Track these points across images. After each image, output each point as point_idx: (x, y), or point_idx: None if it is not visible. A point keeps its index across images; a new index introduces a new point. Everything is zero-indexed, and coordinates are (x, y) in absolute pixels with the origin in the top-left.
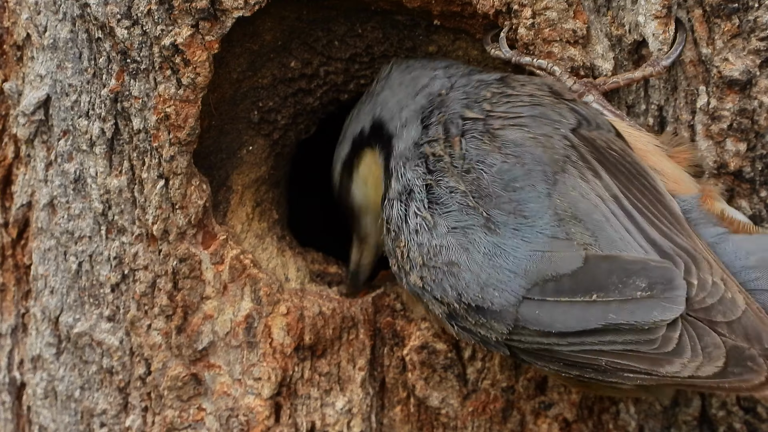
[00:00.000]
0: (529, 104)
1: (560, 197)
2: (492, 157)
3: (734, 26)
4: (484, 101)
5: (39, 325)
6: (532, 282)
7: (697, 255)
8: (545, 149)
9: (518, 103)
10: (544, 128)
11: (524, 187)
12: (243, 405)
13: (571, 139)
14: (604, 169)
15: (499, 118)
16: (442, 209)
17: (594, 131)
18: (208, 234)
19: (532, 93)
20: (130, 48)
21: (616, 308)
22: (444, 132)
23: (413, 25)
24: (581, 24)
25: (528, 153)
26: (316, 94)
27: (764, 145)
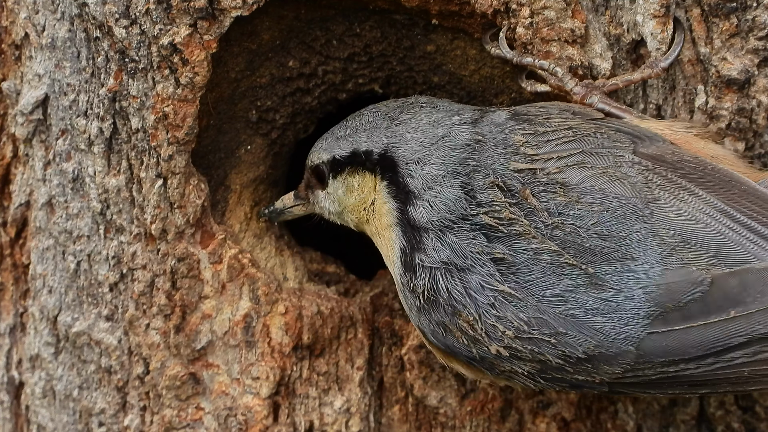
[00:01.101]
0: (574, 138)
1: (663, 226)
2: (577, 209)
3: (732, 26)
4: (521, 146)
5: (37, 325)
6: (652, 318)
7: None
8: (623, 183)
9: (562, 139)
10: (606, 159)
11: (624, 230)
12: (241, 404)
13: (641, 161)
14: (695, 185)
15: (550, 159)
16: (521, 278)
17: (652, 146)
18: (207, 233)
19: (568, 126)
20: (128, 47)
21: (761, 318)
22: (504, 193)
23: (411, 25)
24: (579, 23)
25: (609, 193)
26: (315, 93)
27: (762, 145)
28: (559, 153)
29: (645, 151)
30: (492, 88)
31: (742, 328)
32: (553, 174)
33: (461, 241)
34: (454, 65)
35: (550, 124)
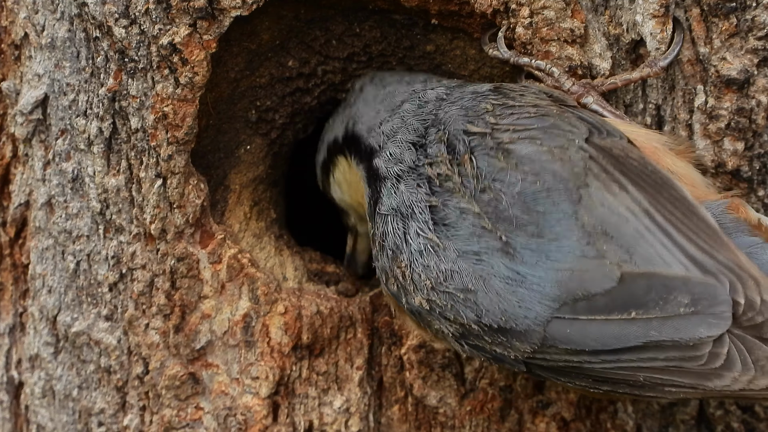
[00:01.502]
0: (536, 115)
1: (587, 213)
2: (509, 175)
3: (732, 25)
4: (485, 113)
5: (37, 325)
6: (561, 302)
7: (741, 273)
8: (563, 163)
9: (524, 114)
10: (557, 140)
11: (547, 207)
12: (241, 404)
13: (588, 149)
14: (629, 181)
15: (507, 131)
16: (450, 231)
17: (607, 139)
18: (206, 233)
19: (535, 103)
20: (127, 47)
21: (657, 325)
22: (448, 150)
23: (411, 24)
24: (579, 23)
25: (547, 169)
26: (314, 93)
27: (762, 144)
28: (516, 126)
29: (597, 141)
30: None
31: (639, 330)
32: (504, 142)
33: (408, 189)
34: (453, 65)
35: (522, 100)
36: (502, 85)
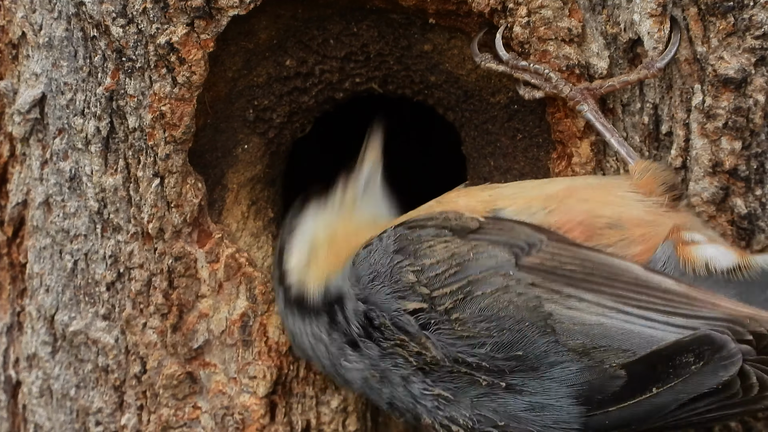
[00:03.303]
0: (458, 267)
1: (567, 337)
2: (475, 339)
3: (729, 24)
4: (415, 286)
5: (34, 324)
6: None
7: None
8: (515, 306)
9: (447, 272)
10: (493, 282)
11: (527, 348)
12: (238, 403)
13: (524, 278)
14: (581, 290)
15: (444, 296)
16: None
17: (532, 254)
18: (204, 232)
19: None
20: (125, 46)
21: (681, 388)
22: (402, 332)
23: (408, 24)
24: (576, 22)
25: (504, 318)
26: (312, 92)
27: (759, 144)
28: (449, 287)
29: (526, 262)
30: (489, 87)
31: (669, 397)
32: (449, 309)
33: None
34: (451, 64)
35: (434, 254)
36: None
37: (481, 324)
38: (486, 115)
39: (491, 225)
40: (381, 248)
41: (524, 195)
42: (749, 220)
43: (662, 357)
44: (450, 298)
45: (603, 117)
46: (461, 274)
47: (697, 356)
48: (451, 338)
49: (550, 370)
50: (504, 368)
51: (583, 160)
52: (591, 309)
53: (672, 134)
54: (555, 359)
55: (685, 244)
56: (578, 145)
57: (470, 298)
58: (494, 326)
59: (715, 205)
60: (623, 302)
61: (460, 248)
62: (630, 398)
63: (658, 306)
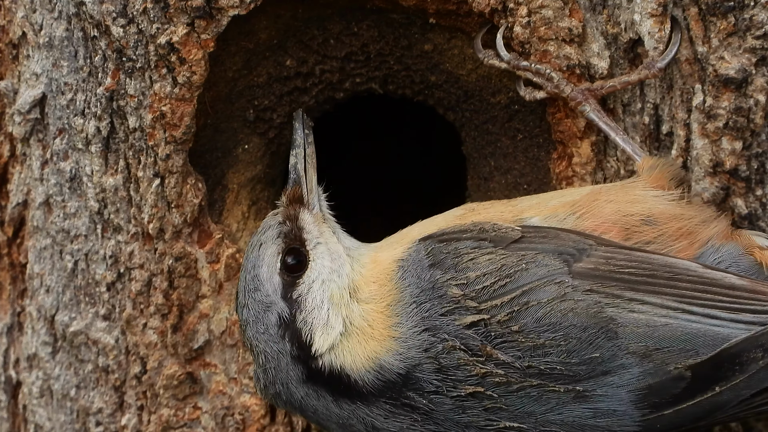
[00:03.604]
0: (508, 280)
1: (631, 341)
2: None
3: (730, 24)
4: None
5: (35, 324)
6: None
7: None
8: (575, 314)
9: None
10: (548, 291)
11: (593, 354)
12: (239, 404)
13: (581, 284)
14: (641, 293)
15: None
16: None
17: (584, 260)
18: (204, 233)
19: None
20: (125, 46)
21: (744, 385)
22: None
23: (409, 24)
24: (577, 22)
25: (567, 327)
26: (312, 92)
27: (760, 144)
28: (501, 299)
29: (580, 269)
30: (489, 87)
31: (731, 395)
32: (504, 322)
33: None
34: (451, 64)
35: (477, 266)
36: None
37: (545, 334)
38: (486, 115)
39: (533, 233)
40: (414, 266)
41: (547, 204)
42: (750, 220)
43: (730, 356)
44: (503, 310)
45: (606, 116)
46: (512, 285)
47: (766, 350)
48: (517, 350)
49: (615, 376)
50: (579, 372)
51: (583, 160)
52: (655, 311)
53: (672, 134)
54: (621, 365)
55: (762, 250)
56: (579, 145)
57: (526, 308)
58: (560, 335)
59: (715, 205)
60: (688, 302)
61: (507, 259)
62: (689, 399)
63: (724, 303)
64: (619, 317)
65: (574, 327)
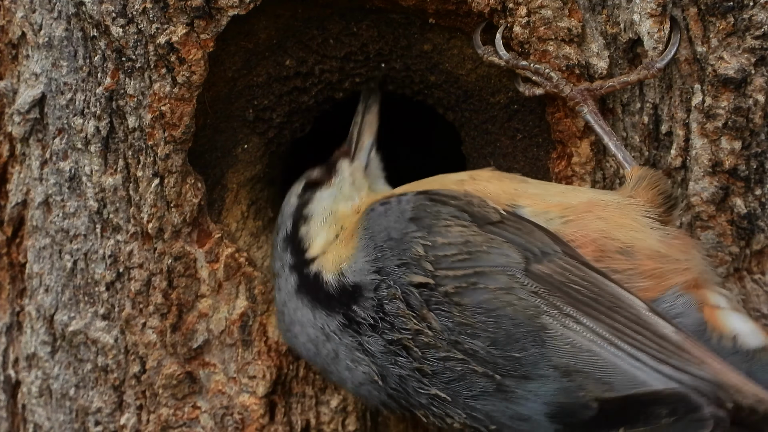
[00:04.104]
0: (468, 255)
1: (555, 355)
2: (473, 328)
3: (729, 25)
4: (421, 260)
5: (34, 324)
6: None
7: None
8: (514, 309)
9: (456, 256)
10: (498, 280)
11: (520, 352)
12: (238, 403)
13: (529, 285)
14: (581, 314)
15: (446, 278)
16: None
17: (543, 263)
18: (203, 232)
19: (463, 237)
20: (125, 46)
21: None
22: (406, 305)
23: (408, 24)
24: (576, 22)
25: (502, 316)
26: (311, 92)
27: (759, 144)
28: (455, 271)
29: (536, 269)
30: (489, 87)
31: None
32: (449, 294)
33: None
34: (451, 64)
35: (447, 234)
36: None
37: (479, 316)
38: (486, 115)
39: (512, 222)
40: (397, 211)
41: (546, 199)
42: (749, 219)
43: (637, 402)
44: (453, 282)
45: (602, 120)
46: (470, 263)
47: (671, 411)
48: (450, 321)
49: (535, 382)
50: (499, 364)
51: (582, 160)
52: (586, 334)
53: (672, 134)
54: (542, 374)
55: (713, 309)
56: (578, 144)
57: (473, 288)
58: (491, 322)
59: (714, 204)
60: (618, 336)
61: (475, 237)
62: (598, 429)
63: (651, 349)
64: (552, 328)
65: (506, 319)
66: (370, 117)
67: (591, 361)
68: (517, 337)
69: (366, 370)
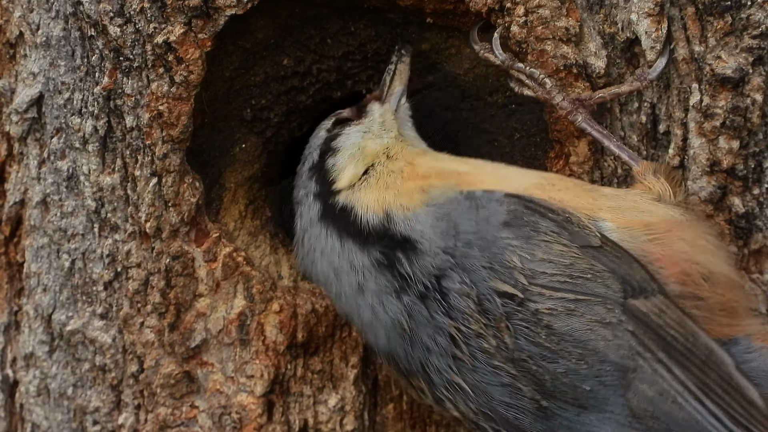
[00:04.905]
0: (570, 278)
1: (637, 398)
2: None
3: (727, 24)
4: (515, 270)
5: (32, 323)
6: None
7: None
8: (608, 345)
9: (557, 277)
10: (595, 310)
11: (594, 387)
12: (235, 403)
13: (628, 324)
14: (674, 363)
15: (541, 295)
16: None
17: (640, 300)
18: (201, 232)
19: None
20: (122, 46)
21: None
22: (478, 309)
23: (406, 23)
24: (574, 22)
25: (591, 350)
26: (309, 92)
27: (757, 143)
28: (552, 292)
29: (634, 307)
30: (487, 86)
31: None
32: (542, 313)
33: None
34: (449, 64)
35: (548, 250)
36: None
37: (566, 344)
38: (484, 114)
39: (611, 250)
40: (488, 213)
41: (623, 214)
42: (747, 219)
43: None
44: (547, 303)
45: (598, 124)
46: (570, 287)
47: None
48: (530, 340)
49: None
50: (559, 391)
51: (580, 159)
52: (674, 384)
53: (670, 133)
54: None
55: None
56: (576, 144)
57: (567, 314)
58: (578, 353)
59: (712, 204)
60: (706, 393)
61: (578, 261)
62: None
63: (735, 411)
64: (641, 371)
65: (593, 353)
66: (402, 66)
67: (672, 413)
68: (597, 371)
69: (395, 317)
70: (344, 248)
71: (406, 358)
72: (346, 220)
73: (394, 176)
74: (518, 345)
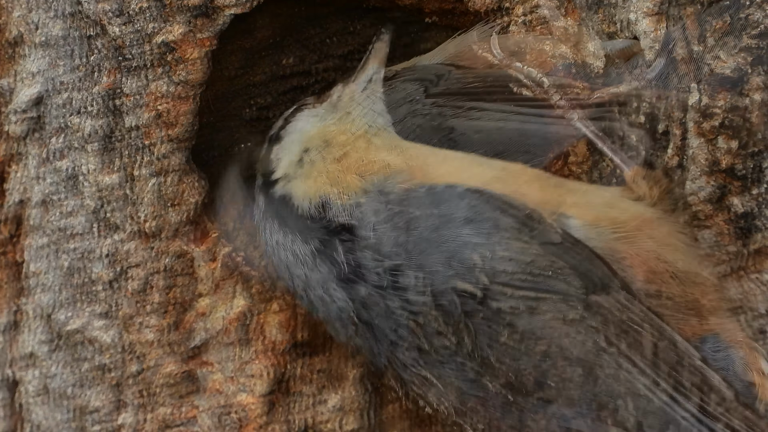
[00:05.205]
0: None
1: (603, 392)
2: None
3: (726, 24)
4: (475, 269)
5: (32, 323)
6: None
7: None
8: (571, 340)
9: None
10: (558, 308)
11: (558, 383)
12: (236, 403)
13: (590, 320)
14: (639, 356)
15: (502, 294)
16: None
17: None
18: (201, 231)
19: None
20: (122, 45)
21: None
22: (435, 306)
23: (408, 23)
24: (573, 21)
25: (554, 345)
26: (310, 91)
27: (756, 143)
28: (513, 290)
29: (596, 303)
30: None
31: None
32: (504, 312)
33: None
34: None
35: (508, 247)
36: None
37: (528, 341)
38: None
39: (571, 246)
40: (447, 208)
41: (591, 209)
42: (746, 219)
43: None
44: (509, 302)
45: (593, 125)
46: (531, 284)
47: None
48: (490, 340)
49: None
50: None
51: (579, 159)
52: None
53: (668, 133)
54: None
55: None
56: (575, 143)
57: (530, 313)
58: (540, 350)
59: (711, 204)
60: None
61: (538, 259)
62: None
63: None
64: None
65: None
66: (379, 44)
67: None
68: (561, 368)
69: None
70: (287, 239)
71: (372, 354)
72: (287, 211)
73: (332, 162)
74: (479, 343)
